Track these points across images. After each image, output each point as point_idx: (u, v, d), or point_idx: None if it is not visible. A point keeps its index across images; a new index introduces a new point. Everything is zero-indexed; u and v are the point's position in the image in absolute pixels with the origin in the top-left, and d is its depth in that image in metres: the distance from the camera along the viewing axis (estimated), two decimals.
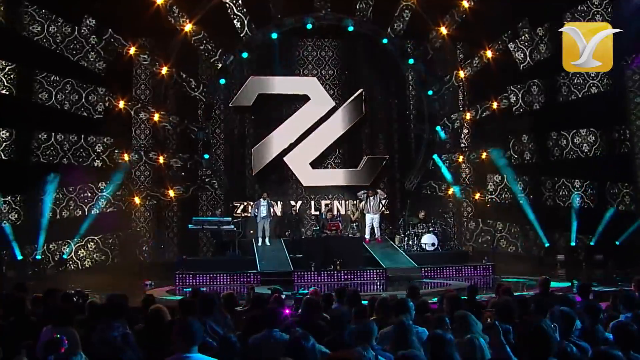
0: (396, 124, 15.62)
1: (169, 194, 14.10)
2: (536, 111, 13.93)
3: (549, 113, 13.70)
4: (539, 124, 14.03)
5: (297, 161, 14.94)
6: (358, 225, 14.16)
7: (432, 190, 15.36)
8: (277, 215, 14.74)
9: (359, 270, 12.28)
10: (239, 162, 15.07)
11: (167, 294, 10.15)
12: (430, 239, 13.70)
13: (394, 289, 10.54)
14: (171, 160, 14.13)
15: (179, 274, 11.92)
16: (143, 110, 13.51)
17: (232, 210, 14.51)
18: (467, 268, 12.73)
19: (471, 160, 15.12)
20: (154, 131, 14.09)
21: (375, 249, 13.30)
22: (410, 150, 15.53)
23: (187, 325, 2.99)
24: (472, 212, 15.35)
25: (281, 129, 14.94)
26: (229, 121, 15.02)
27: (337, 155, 15.39)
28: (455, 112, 15.07)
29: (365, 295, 6.23)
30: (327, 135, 14.97)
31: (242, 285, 11.17)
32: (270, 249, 13.36)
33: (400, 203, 15.39)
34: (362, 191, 13.81)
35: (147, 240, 14.33)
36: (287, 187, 15.17)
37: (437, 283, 11.64)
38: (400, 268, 12.35)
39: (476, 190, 15.05)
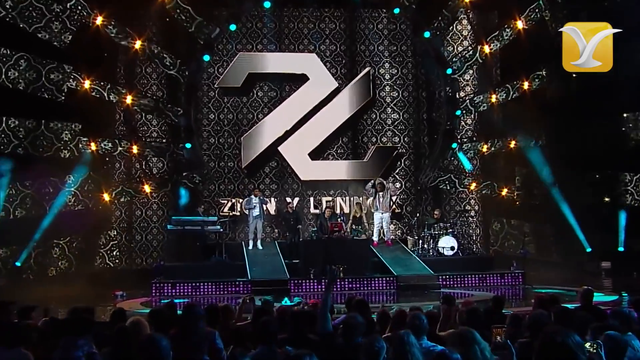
0: (409, 108, 15.66)
1: (144, 189, 14.03)
2: (576, 92, 13.89)
3: (592, 94, 13.51)
4: (579, 108, 13.95)
5: (293, 151, 14.93)
6: (364, 226, 14.23)
7: (451, 185, 15.25)
8: (271, 214, 14.78)
9: (366, 278, 12.33)
10: (226, 152, 15.08)
11: (141, 307, 10.17)
12: (448, 241, 13.71)
13: (406, 300, 10.73)
14: (147, 150, 14.17)
15: (156, 282, 11.96)
16: (114, 92, 13.38)
17: (218, 209, 14.57)
18: (493, 276, 12.79)
19: (497, 149, 15.03)
20: (127, 116, 14.09)
21: (384, 253, 13.32)
22: (426, 139, 15.64)
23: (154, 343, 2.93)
24: (498, 210, 15.35)
25: (275, 114, 14.97)
26: (214, 105, 15.04)
27: (340, 145, 15.45)
28: (479, 94, 14.98)
29: (373, 307, 6.23)
30: (329, 121, 15.00)
31: (229, 295, 11.31)
32: (263, 254, 13.41)
33: (414, 200, 15.52)
34: (370, 183, 13.74)
35: (119, 244, 14.37)
36: (282, 181, 15.21)
37: (456, 293, 11.51)
38: (414, 276, 12.37)
39: (503, 185, 14.93)
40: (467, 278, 12.61)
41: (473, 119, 15.30)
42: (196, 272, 12.63)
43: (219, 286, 11.91)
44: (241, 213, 14.46)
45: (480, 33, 14.58)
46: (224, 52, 14.85)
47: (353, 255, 12.54)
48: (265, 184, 15.08)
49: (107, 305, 10.29)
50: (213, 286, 11.89)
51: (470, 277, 12.63)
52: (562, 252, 14.40)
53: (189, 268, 13.06)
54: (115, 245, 14.33)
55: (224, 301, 10.53)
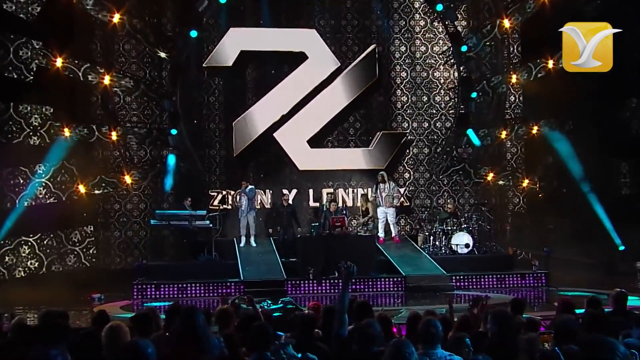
0: (420, 90, 15.65)
1: (125, 180, 13.99)
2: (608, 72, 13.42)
3: (626, 73, 13.37)
4: (612, 89, 13.75)
5: (291, 138, 14.91)
6: (370, 221, 14.22)
7: (466, 175, 15.34)
8: (266, 207, 14.81)
9: (371, 278, 12.33)
10: (216, 139, 15.04)
11: (121, 311, 10.12)
12: (463, 238, 13.72)
13: (415, 303, 10.81)
14: (127, 137, 14.12)
15: (138, 284, 11.96)
16: (89, 71, 13.27)
17: (207, 202, 14.52)
18: (512, 277, 12.78)
19: (518, 136, 15.05)
20: (105, 99, 13.96)
21: (391, 251, 13.35)
22: (438, 124, 15.62)
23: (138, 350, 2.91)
24: (519, 204, 15.36)
25: (270, 97, 14.91)
26: (202, 87, 14.96)
27: (342, 131, 15.45)
28: (498, 74, 14.92)
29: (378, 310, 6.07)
30: (330, 104, 15.01)
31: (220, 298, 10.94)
32: (257, 251, 13.43)
33: (425, 192, 15.55)
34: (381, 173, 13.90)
35: (96, 241, 14.32)
36: (278, 171, 15.21)
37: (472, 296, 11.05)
38: (425, 276, 12.40)
39: (524, 175, 14.98)
40: (484, 279, 12.59)
41: (490, 101, 15.22)
42: (183, 272, 12.65)
43: (208, 287, 11.92)
44: (232, 206, 14.51)
45: (500, 5, 14.54)
46: (214, 27, 14.83)
47: (357, 253, 12.39)
48: (259, 175, 15.08)
49: (83, 310, 10.28)
50: (202, 288, 11.92)
51: (487, 278, 12.61)
52: (592, 250, 14.21)
53: (175, 268, 13.10)
54: (91, 243, 14.28)
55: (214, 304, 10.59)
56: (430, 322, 3.98)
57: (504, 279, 12.65)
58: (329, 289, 12.06)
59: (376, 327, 4.06)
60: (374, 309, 5.35)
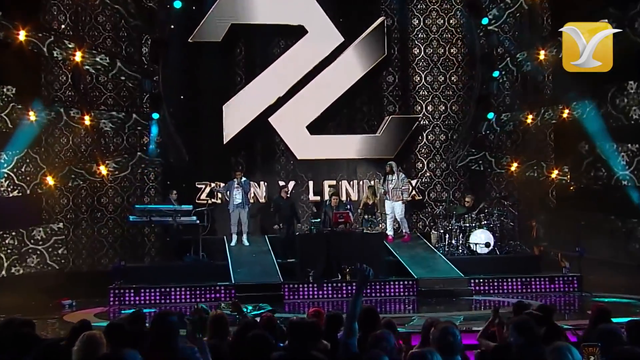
0: (435, 69, 15.57)
1: (99, 171, 13.98)
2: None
3: None
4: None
5: (288, 124, 14.93)
6: (377, 216, 14.15)
7: (487, 165, 15.25)
8: (260, 201, 14.87)
9: (379, 281, 12.31)
10: (203, 125, 15.04)
11: (96, 319, 10.02)
12: (483, 236, 13.69)
13: (429, 310, 10.92)
14: (102, 122, 14.04)
15: (115, 288, 11.95)
16: (57, 47, 13.19)
17: (193, 195, 14.59)
18: (539, 280, 12.74)
19: (547, 121, 14.93)
20: (76, 78, 13.92)
21: (402, 251, 13.36)
22: (455, 107, 15.57)
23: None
24: (548, 198, 15.23)
25: (265, 77, 14.90)
26: (188, 65, 14.95)
27: (346, 115, 15.45)
28: (524, 50, 14.72)
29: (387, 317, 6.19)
30: (333, 85, 14.95)
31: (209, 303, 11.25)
32: (250, 251, 13.48)
33: (440, 184, 15.52)
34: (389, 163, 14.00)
35: (65, 240, 14.22)
36: (273, 161, 15.24)
37: (493, 302, 11.41)
38: (439, 279, 12.42)
39: (553, 165, 14.95)
40: (507, 282, 12.58)
41: (514, 81, 15.18)
42: (166, 275, 12.67)
43: (195, 292, 11.96)
44: (222, 201, 14.49)
45: None
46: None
47: (362, 253, 12.52)
48: (252, 165, 15.07)
49: (51, 318, 10.35)
50: (187, 292, 11.98)
51: (511, 282, 12.59)
52: (631, 250, 14.12)
53: (157, 270, 13.15)
54: (60, 242, 14.18)
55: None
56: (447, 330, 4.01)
57: (530, 282, 12.61)
58: (331, 293, 12.10)
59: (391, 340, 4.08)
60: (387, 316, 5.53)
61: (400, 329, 6.27)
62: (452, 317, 8.48)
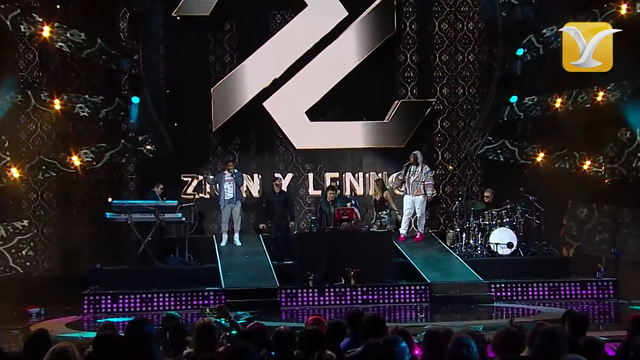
0: (450, 47, 15.42)
1: (72, 161, 13.79)
2: None
3: None
4: None
5: (285, 109, 14.76)
6: (386, 213, 14.07)
7: (509, 155, 15.16)
8: (254, 196, 14.82)
9: (387, 286, 12.30)
10: (189, 109, 14.95)
11: (68, 329, 10.08)
12: (504, 236, 13.58)
13: (443, 317, 10.96)
14: (78, 106, 13.87)
15: (90, 294, 11.84)
16: (23, 20, 13.15)
17: (179, 189, 14.53)
18: (569, 285, 12.64)
19: (579, 104, 14.72)
20: (45, 57, 13.76)
21: (413, 252, 13.30)
22: (472, 90, 15.41)
23: None
24: (578, 192, 15.01)
25: (259, 56, 14.75)
26: (172, 42, 14.85)
27: (350, 100, 15.24)
28: (552, 25, 14.43)
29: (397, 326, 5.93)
30: (335, 65, 14.77)
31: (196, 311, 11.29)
32: (242, 252, 13.42)
33: (456, 177, 15.43)
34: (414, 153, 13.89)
35: (32, 239, 14.07)
36: (268, 151, 15.14)
37: (516, 310, 11.69)
38: (455, 283, 12.36)
39: (586, 155, 14.78)
40: (532, 288, 12.50)
41: (541, 60, 14.73)
42: (147, 279, 12.63)
43: (180, 298, 11.92)
44: (212, 195, 14.46)
45: None
46: None
47: (369, 254, 12.55)
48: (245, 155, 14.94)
49: (15, 328, 10.24)
50: (172, 298, 11.92)
51: (537, 287, 12.52)
52: None
53: (137, 273, 13.00)
54: (26, 242, 14.03)
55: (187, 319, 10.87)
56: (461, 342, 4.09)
57: (558, 288, 12.55)
58: (333, 299, 12.06)
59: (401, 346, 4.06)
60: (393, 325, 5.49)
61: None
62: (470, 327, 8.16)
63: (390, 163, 14.54)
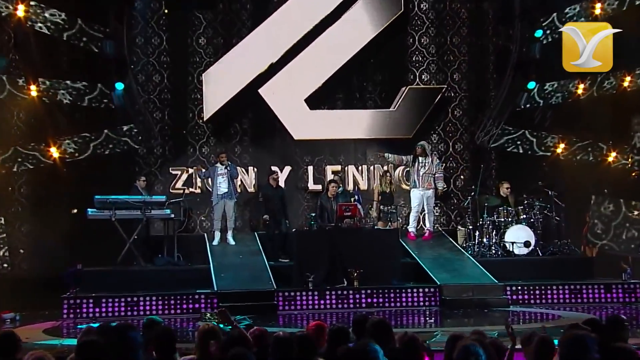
0: (463, 28, 15.39)
1: (50, 153, 13.75)
2: None
3: None
4: None
5: (283, 96, 14.75)
6: (392, 210, 14.04)
7: (527, 146, 15.12)
8: (249, 191, 14.89)
9: (394, 288, 12.31)
10: (178, 96, 14.95)
11: (45, 336, 9.99)
12: (521, 234, 13.55)
13: (454, 322, 10.97)
14: (59, 93, 13.85)
15: (70, 297, 11.80)
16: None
17: (168, 184, 14.57)
18: (593, 288, 12.59)
19: (604, 91, 14.56)
20: (21, 39, 13.62)
21: (422, 251, 13.39)
22: (488, 75, 15.42)
23: None
24: (603, 186, 14.93)
25: (254, 38, 14.76)
26: (159, 23, 14.84)
27: (353, 86, 15.30)
28: (575, 3, 14.50)
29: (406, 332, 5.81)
30: (337, 49, 14.76)
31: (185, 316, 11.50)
32: (236, 252, 13.47)
33: (468, 170, 15.43)
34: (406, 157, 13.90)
35: (8, 239, 13.99)
36: (264, 142, 15.14)
37: (534, 314, 11.72)
38: (467, 285, 12.38)
39: (611, 147, 14.69)
40: (551, 291, 12.47)
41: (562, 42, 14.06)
42: (133, 281, 12.62)
43: (169, 301, 11.90)
44: (203, 190, 14.48)
45: None
46: None
47: (374, 253, 12.57)
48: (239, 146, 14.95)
49: None
50: (160, 301, 11.90)
51: (556, 290, 12.47)
52: None
53: (122, 275, 12.94)
54: (2, 241, 13.94)
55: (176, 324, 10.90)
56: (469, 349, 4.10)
57: (581, 291, 12.51)
58: (335, 303, 12.04)
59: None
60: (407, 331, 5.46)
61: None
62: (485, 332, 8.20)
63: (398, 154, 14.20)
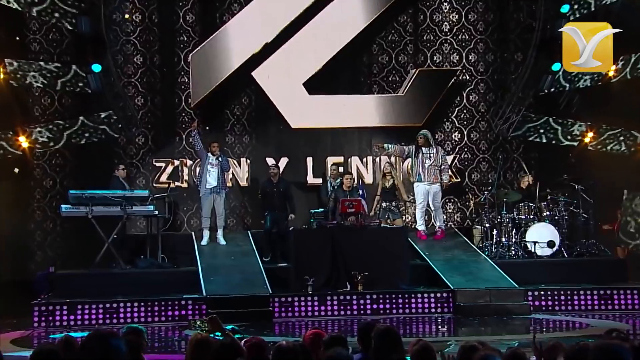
0: (480, 3, 15.33)
1: (19, 142, 13.79)
2: None
3: None
4: None
5: (279, 80, 14.74)
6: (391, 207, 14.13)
7: (551, 135, 15.10)
8: (241, 185, 14.91)
9: (402, 293, 12.35)
10: (163, 80, 14.97)
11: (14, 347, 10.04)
12: (544, 233, 13.48)
13: (470, 331, 11.00)
14: (30, 75, 13.89)
15: (41, 304, 11.78)
16: None
17: (151, 177, 14.66)
18: (626, 293, 12.53)
19: (636, 72, 14.50)
20: None
21: (433, 252, 13.47)
22: (507, 56, 15.44)
23: None
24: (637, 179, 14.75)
25: (246, 15, 14.75)
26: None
27: (357, 69, 15.33)
28: None
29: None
30: (339, 28, 14.75)
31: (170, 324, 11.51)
32: (227, 252, 13.55)
33: (486, 162, 15.42)
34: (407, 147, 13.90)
35: None
36: (259, 130, 15.16)
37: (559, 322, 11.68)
38: (484, 290, 12.33)
39: None
40: (578, 296, 12.43)
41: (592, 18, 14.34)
42: (112, 285, 12.58)
43: (153, 308, 11.86)
44: (190, 184, 14.50)
45: None
46: None
47: (380, 254, 12.58)
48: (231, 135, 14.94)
49: None
50: (142, 308, 11.86)
51: (584, 295, 12.43)
52: None
53: (99, 278, 12.88)
54: None
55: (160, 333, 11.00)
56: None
57: (611, 296, 12.44)
58: (337, 309, 12.04)
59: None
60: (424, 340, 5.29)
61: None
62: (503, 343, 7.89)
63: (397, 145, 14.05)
